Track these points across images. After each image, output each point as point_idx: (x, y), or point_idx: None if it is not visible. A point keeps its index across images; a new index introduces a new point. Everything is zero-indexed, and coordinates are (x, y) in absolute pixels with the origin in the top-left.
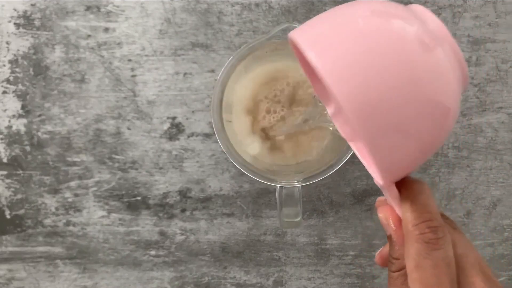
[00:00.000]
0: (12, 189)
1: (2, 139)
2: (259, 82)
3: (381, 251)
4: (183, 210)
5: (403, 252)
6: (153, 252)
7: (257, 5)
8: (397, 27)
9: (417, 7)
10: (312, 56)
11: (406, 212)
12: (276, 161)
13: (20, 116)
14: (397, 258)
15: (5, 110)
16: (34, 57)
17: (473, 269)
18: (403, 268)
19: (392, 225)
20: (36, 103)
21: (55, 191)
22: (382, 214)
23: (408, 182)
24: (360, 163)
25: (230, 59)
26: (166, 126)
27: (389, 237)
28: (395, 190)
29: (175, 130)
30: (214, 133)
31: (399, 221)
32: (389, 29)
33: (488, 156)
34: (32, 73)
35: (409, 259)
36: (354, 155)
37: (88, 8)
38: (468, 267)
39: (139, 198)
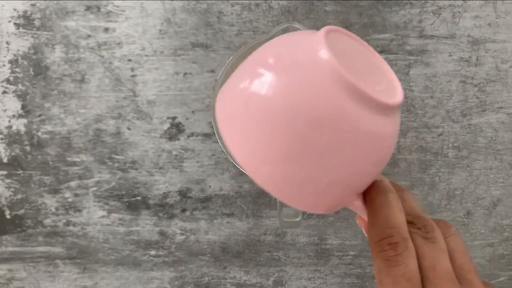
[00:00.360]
0: (12, 189)
1: (2, 139)
2: None
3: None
4: (183, 210)
5: None
6: (153, 252)
7: (257, 5)
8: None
9: (318, 40)
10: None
11: (369, 228)
12: None
13: (20, 116)
14: None
15: (5, 110)
16: (34, 57)
17: (443, 281)
18: None
19: (365, 233)
20: (36, 103)
21: (55, 191)
22: (358, 221)
23: (371, 195)
24: None
25: (230, 59)
26: (166, 126)
27: None
28: (358, 204)
29: (175, 130)
30: (214, 133)
31: None
32: (281, 86)
33: (488, 156)
34: (32, 73)
35: (375, 275)
36: None
37: (88, 8)
38: (436, 279)
39: (139, 198)
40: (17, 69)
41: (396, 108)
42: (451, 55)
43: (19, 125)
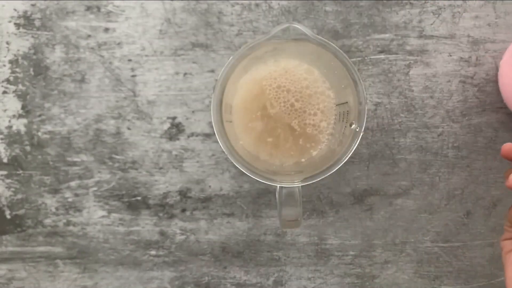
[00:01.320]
0: (12, 189)
1: (2, 139)
2: (259, 82)
3: None
4: (183, 210)
5: None
6: (153, 252)
7: (257, 5)
8: None
9: None
10: None
11: None
12: (276, 161)
13: (20, 116)
14: None
15: (5, 110)
16: (34, 57)
17: None
18: None
19: None
20: (36, 103)
21: (55, 191)
22: None
23: None
24: (360, 163)
25: (230, 59)
26: (166, 126)
27: None
28: None
29: (175, 130)
30: (214, 133)
31: None
32: None
33: (488, 156)
34: (32, 73)
35: None
36: (353, 155)
37: (88, 8)
38: None
39: (139, 198)
40: (17, 69)
41: None
42: (451, 55)
43: (19, 125)
